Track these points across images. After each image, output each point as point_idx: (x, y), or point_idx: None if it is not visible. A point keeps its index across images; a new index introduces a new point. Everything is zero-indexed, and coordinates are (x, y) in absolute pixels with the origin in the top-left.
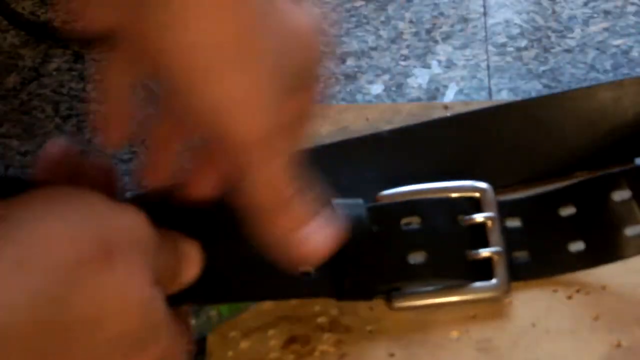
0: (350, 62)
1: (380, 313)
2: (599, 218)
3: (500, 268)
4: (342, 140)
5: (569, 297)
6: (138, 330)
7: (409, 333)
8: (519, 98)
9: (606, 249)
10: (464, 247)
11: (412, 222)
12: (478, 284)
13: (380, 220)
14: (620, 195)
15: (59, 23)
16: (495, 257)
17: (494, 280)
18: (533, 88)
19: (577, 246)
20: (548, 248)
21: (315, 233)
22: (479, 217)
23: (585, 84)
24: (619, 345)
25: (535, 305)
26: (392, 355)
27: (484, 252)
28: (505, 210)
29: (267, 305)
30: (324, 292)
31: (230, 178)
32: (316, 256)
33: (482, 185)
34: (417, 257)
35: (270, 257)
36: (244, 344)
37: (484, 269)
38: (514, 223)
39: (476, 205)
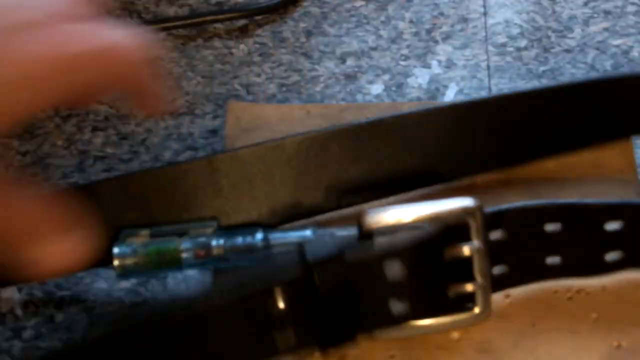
0: (350, 62)
1: None
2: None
3: (483, 297)
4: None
5: (569, 298)
6: None
7: None
8: None
9: (582, 268)
10: (447, 282)
11: (394, 265)
12: (461, 315)
13: (361, 268)
14: (612, 225)
15: None
16: (480, 290)
17: (476, 310)
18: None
19: (553, 260)
20: (527, 261)
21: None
22: (465, 250)
23: None
24: (619, 346)
25: (536, 306)
26: (392, 356)
27: (469, 287)
28: (491, 222)
29: None
30: (305, 349)
31: None
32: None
33: (471, 203)
34: (399, 304)
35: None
36: None
37: (466, 298)
38: (496, 235)
39: (463, 231)
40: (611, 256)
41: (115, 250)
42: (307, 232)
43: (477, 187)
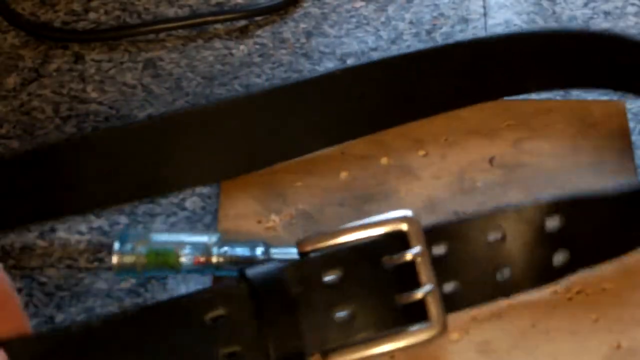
0: (350, 62)
1: None
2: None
3: (435, 307)
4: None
5: (569, 299)
6: None
7: None
8: (519, 97)
9: (534, 275)
10: (392, 291)
11: (335, 274)
12: (413, 327)
13: (301, 280)
14: (551, 222)
15: (59, 24)
16: (429, 297)
17: (430, 321)
18: None
19: (503, 273)
20: (477, 276)
21: None
22: (407, 255)
23: None
24: (618, 347)
25: (535, 307)
26: (392, 357)
27: (417, 294)
28: (431, 236)
29: None
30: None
31: None
32: None
33: (408, 214)
34: (344, 312)
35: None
36: None
37: (417, 309)
38: (439, 250)
39: (402, 237)
40: (559, 258)
41: (115, 246)
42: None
43: (477, 189)
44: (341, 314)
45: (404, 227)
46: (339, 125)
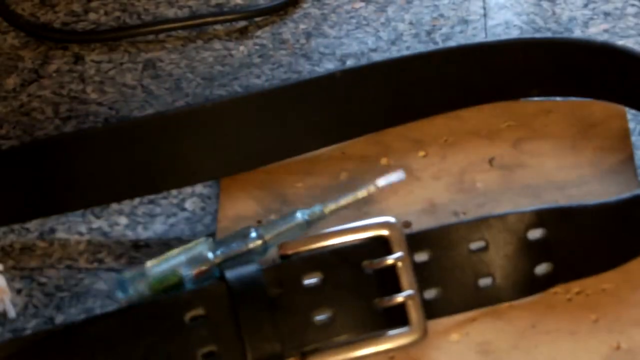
0: (350, 63)
1: None
2: (510, 254)
3: (415, 312)
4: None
5: (569, 299)
6: None
7: None
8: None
9: (515, 286)
10: (372, 295)
11: (315, 277)
12: (393, 331)
13: (280, 282)
14: (534, 234)
15: (59, 24)
16: (409, 302)
17: (409, 326)
18: None
19: (485, 281)
20: (459, 284)
21: None
22: (388, 260)
23: None
24: (618, 348)
25: (535, 307)
26: (392, 358)
27: (397, 298)
28: (414, 243)
29: None
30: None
31: None
32: None
33: (390, 220)
34: (322, 315)
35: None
36: None
37: (397, 314)
38: (422, 257)
39: (383, 243)
40: (542, 269)
41: (119, 295)
42: (298, 215)
43: (476, 190)
44: (321, 317)
45: (385, 232)
46: (338, 126)
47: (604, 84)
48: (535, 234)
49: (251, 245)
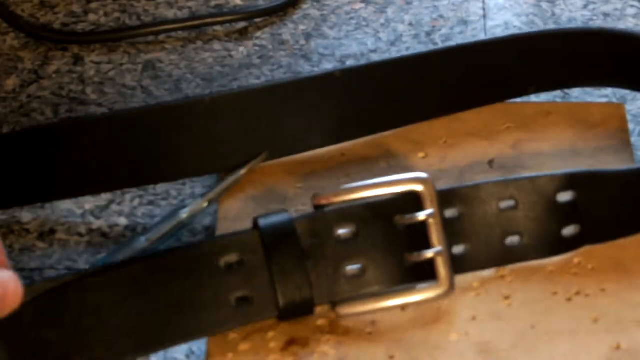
0: (350, 64)
1: (379, 315)
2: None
3: (444, 267)
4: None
5: (569, 299)
6: None
7: (408, 335)
8: (518, 100)
9: (543, 246)
10: (402, 250)
11: (347, 229)
12: (422, 285)
13: (313, 232)
14: (563, 196)
15: (59, 25)
16: (438, 258)
17: (438, 280)
18: None
19: (513, 239)
20: (487, 241)
21: None
22: (420, 216)
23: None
24: (618, 348)
25: (535, 308)
26: (391, 357)
27: (427, 254)
28: (445, 199)
29: None
30: (263, 314)
31: None
32: None
33: (423, 176)
34: (354, 267)
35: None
36: (243, 346)
37: (426, 268)
38: (452, 213)
39: (415, 199)
40: (569, 231)
41: None
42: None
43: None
44: (352, 268)
45: (418, 188)
46: (338, 125)
47: (600, 69)
48: (564, 196)
49: (138, 248)
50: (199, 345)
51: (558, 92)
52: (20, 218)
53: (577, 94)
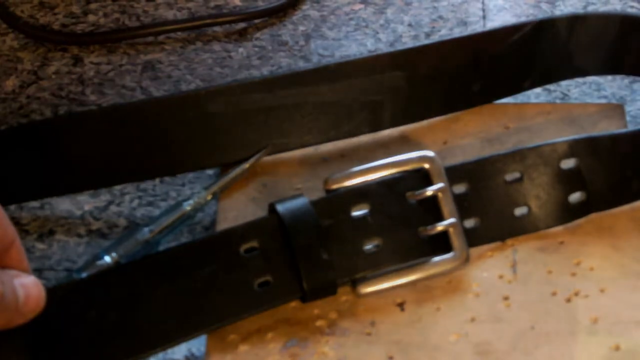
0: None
1: (379, 316)
2: (545, 184)
3: (457, 238)
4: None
5: (568, 300)
6: None
7: (408, 336)
8: (517, 101)
9: (551, 214)
10: (417, 224)
11: (362, 208)
12: (437, 258)
13: (330, 213)
14: (567, 163)
15: (58, 26)
16: (451, 229)
17: (452, 252)
18: (532, 91)
19: (521, 210)
20: (496, 213)
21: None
22: (429, 191)
23: (584, 87)
24: (617, 348)
25: (534, 308)
26: (391, 358)
27: (440, 226)
28: (453, 176)
29: None
30: (286, 297)
31: None
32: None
33: (429, 154)
34: (372, 244)
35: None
36: (242, 347)
37: (441, 241)
38: (460, 189)
39: (424, 176)
40: (575, 198)
41: None
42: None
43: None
44: (369, 246)
45: (425, 165)
46: (337, 123)
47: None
48: (568, 163)
49: (141, 239)
50: (198, 347)
51: (558, 93)
52: (19, 219)
53: (577, 94)
